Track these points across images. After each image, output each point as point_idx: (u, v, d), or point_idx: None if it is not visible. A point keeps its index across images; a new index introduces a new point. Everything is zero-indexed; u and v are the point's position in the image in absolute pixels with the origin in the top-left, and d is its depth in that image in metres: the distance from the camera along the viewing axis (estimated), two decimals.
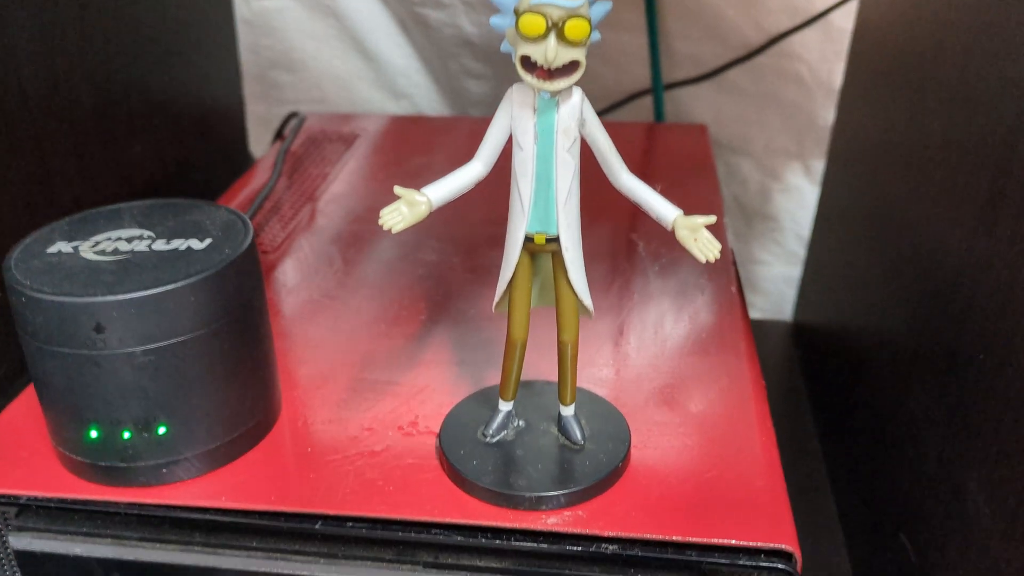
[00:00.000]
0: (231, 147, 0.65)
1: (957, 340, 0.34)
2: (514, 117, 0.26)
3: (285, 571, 0.30)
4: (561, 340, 0.29)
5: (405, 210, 0.26)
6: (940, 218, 0.37)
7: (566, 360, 0.30)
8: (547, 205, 0.27)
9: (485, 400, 0.33)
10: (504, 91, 0.27)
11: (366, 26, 0.73)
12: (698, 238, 0.26)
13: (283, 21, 0.74)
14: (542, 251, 0.28)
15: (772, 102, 0.69)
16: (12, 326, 0.29)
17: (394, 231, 0.26)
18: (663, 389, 0.35)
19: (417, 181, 0.27)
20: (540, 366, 0.35)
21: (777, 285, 0.76)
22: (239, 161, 0.67)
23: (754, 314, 0.77)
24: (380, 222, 0.26)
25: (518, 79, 0.25)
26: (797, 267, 0.75)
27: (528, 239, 0.27)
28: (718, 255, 0.26)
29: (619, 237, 0.47)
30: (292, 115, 0.61)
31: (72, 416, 0.29)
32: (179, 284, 0.28)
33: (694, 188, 0.52)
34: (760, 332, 0.67)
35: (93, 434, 0.29)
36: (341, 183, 0.54)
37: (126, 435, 0.29)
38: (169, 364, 0.28)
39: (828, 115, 0.67)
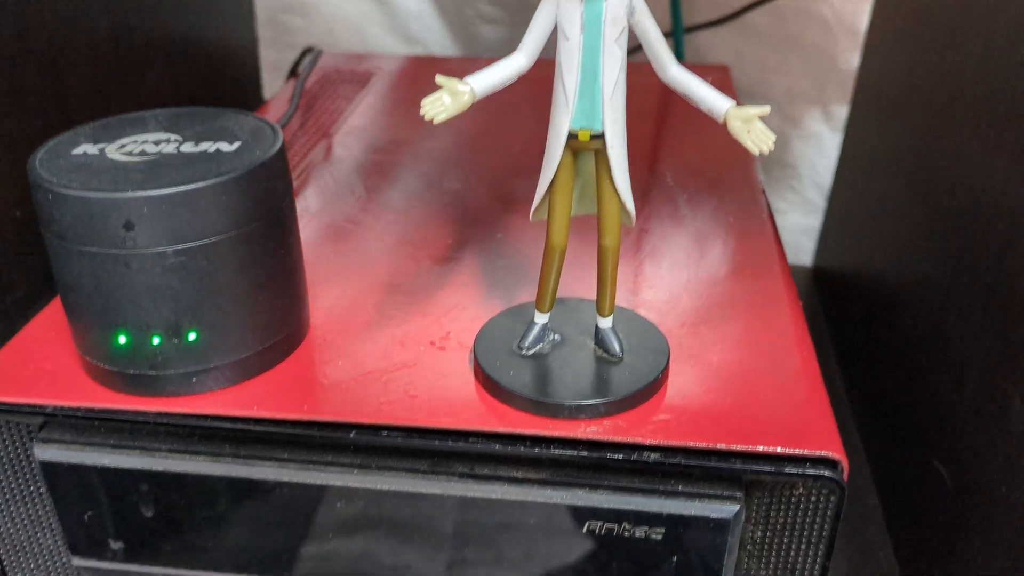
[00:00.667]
0: (245, 89, 0.64)
1: (997, 266, 0.33)
2: (560, 6, 0.25)
3: (318, 482, 0.29)
4: (602, 245, 0.28)
5: (447, 100, 0.25)
6: (974, 157, 0.36)
7: (606, 267, 0.29)
8: (592, 99, 0.26)
9: (519, 316, 0.32)
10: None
11: None
12: (751, 129, 0.25)
13: None
14: (586, 149, 0.27)
15: (794, 46, 0.68)
16: (30, 246, 0.28)
17: (436, 121, 0.25)
18: (699, 308, 0.34)
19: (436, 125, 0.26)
20: (574, 287, 0.35)
21: (794, 235, 0.75)
22: (252, 104, 0.65)
23: None
24: (422, 112, 0.25)
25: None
26: (814, 216, 0.74)
27: (572, 136, 0.26)
28: (772, 146, 0.25)
29: (645, 168, 0.46)
30: (307, 50, 0.60)
31: (100, 321, 0.28)
32: (211, 182, 0.27)
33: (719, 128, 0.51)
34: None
35: (122, 340, 0.29)
36: (358, 118, 0.53)
37: (156, 341, 0.28)
38: (200, 266, 0.28)
39: (852, 59, 0.66)
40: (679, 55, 0.68)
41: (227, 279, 0.28)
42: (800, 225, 0.75)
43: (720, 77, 0.60)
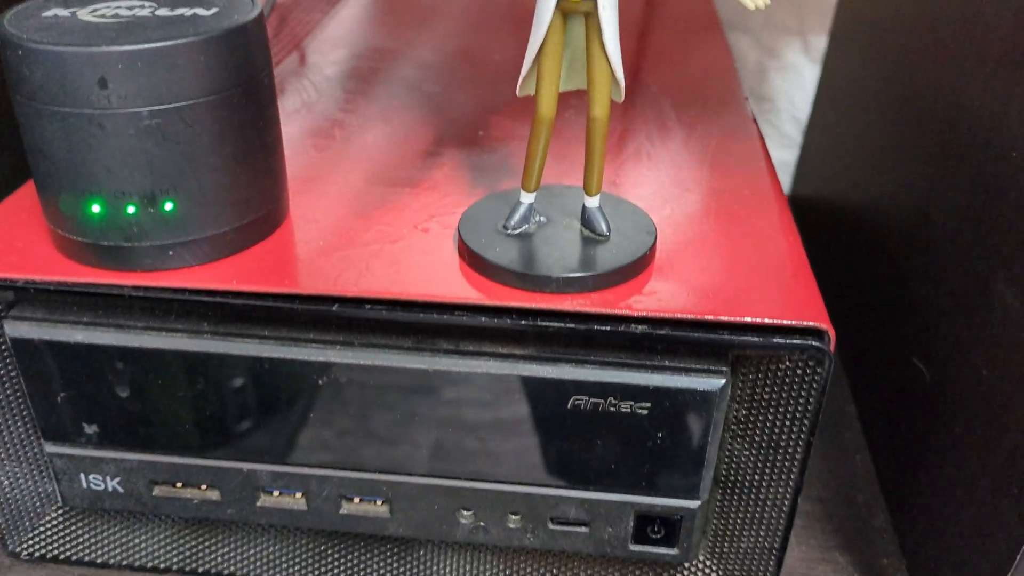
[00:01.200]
0: None
1: (979, 165, 0.33)
2: None
3: (299, 357, 0.29)
4: (591, 116, 0.28)
5: None
6: (960, 82, 0.36)
7: (595, 140, 0.28)
8: None
9: (504, 200, 0.32)
10: None
11: None
12: None
13: None
14: (576, 11, 0.26)
15: None
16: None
17: None
18: (685, 197, 0.34)
19: (425, 29, 0.26)
20: (561, 176, 0.34)
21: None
22: None
23: None
24: None
25: None
26: (791, 151, 0.74)
27: (561, 1, 0.26)
28: (768, 2, 0.25)
29: (629, 77, 0.46)
30: None
31: (73, 188, 0.27)
32: (189, 40, 0.26)
33: (701, 40, 0.51)
34: None
35: (95, 209, 0.28)
36: (336, 28, 0.52)
37: (130, 210, 0.28)
38: (176, 130, 0.27)
39: None
40: None
41: (204, 146, 0.27)
42: (777, 159, 0.75)
43: (702, 4, 0.59)
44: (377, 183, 0.35)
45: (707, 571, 0.33)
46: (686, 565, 0.33)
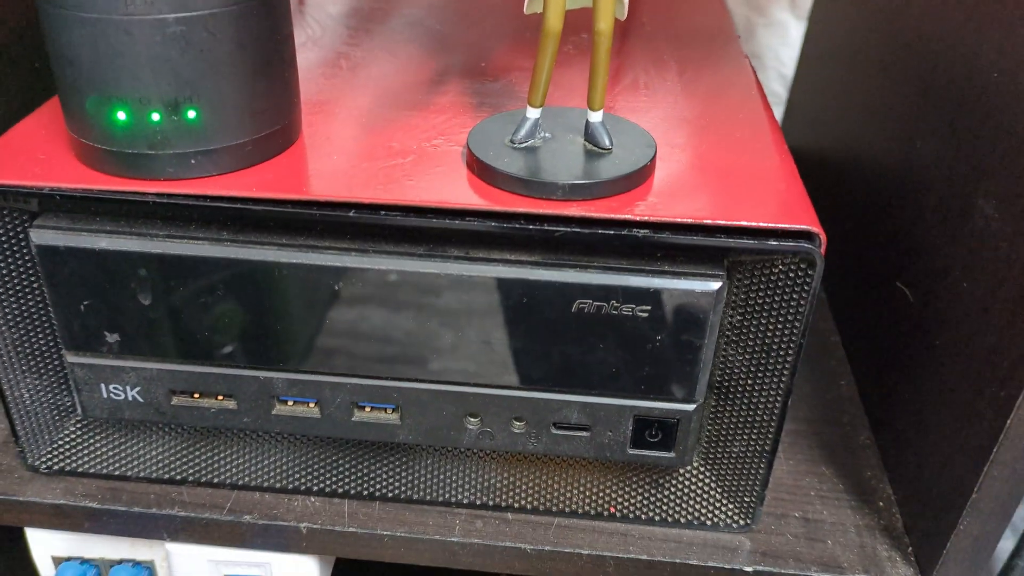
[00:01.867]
0: None
1: (963, 94, 0.35)
2: None
3: (316, 262, 0.30)
4: (596, 30, 0.29)
5: None
6: (940, 24, 0.38)
7: (599, 53, 0.30)
8: None
9: (510, 119, 0.33)
10: None
11: None
12: None
13: None
14: None
15: None
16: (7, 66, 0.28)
17: None
18: (683, 117, 0.36)
19: None
20: (565, 96, 0.36)
21: None
22: None
23: None
24: None
25: None
26: (778, 108, 0.75)
27: None
28: None
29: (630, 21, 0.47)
30: None
31: (99, 95, 0.29)
32: None
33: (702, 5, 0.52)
34: None
35: (121, 116, 0.29)
36: None
37: (155, 117, 0.29)
38: (200, 38, 0.28)
39: None
40: None
41: (226, 55, 0.29)
42: None
43: None
44: (385, 107, 0.36)
45: (701, 475, 0.35)
46: (681, 470, 0.35)
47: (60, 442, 0.36)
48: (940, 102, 0.37)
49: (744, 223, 0.29)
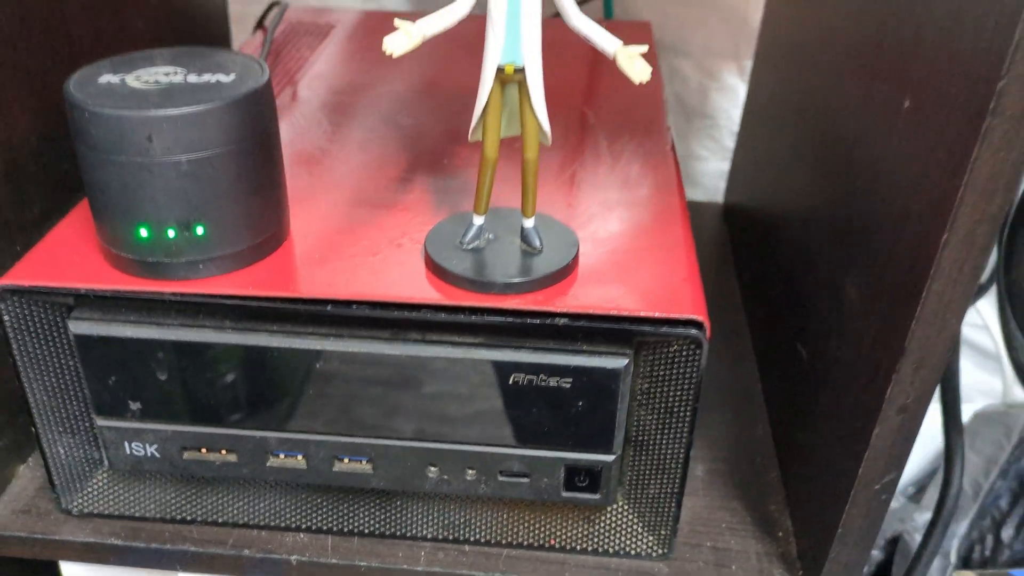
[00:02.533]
0: (216, 40, 0.70)
1: (843, 189, 0.42)
2: None
3: (301, 347, 0.37)
4: (525, 158, 0.36)
5: (403, 38, 0.33)
6: (837, 103, 0.45)
7: (529, 176, 0.37)
8: (515, 41, 0.34)
9: (461, 221, 0.40)
10: None
11: None
12: (635, 64, 0.33)
13: None
14: (511, 80, 0.35)
15: (711, 6, 0.76)
16: (45, 168, 0.35)
17: (394, 55, 0.33)
18: (605, 214, 0.43)
19: (392, 66, 0.33)
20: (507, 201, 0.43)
21: (712, 179, 0.84)
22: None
23: (691, 199, 0.85)
24: (383, 48, 0.33)
25: None
26: (727, 163, 0.82)
27: (500, 70, 0.34)
28: (648, 77, 0.33)
29: (570, 108, 0.54)
30: (274, 3, 0.67)
31: (126, 217, 0.36)
32: (216, 104, 0.34)
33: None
34: (696, 212, 0.75)
35: (143, 233, 0.36)
36: (322, 65, 0.60)
37: (171, 234, 0.36)
38: (206, 173, 0.35)
39: (759, 17, 0.74)
40: (607, 14, 0.75)
41: (227, 183, 0.36)
42: (718, 170, 0.84)
43: (642, 32, 0.68)
44: (360, 205, 0.43)
45: (625, 513, 0.42)
46: (607, 508, 0.42)
47: (89, 489, 0.43)
48: (828, 181, 0.44)
49: (645, 314, 0.36)
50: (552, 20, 0.35)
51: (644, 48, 0.33)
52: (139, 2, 0.55)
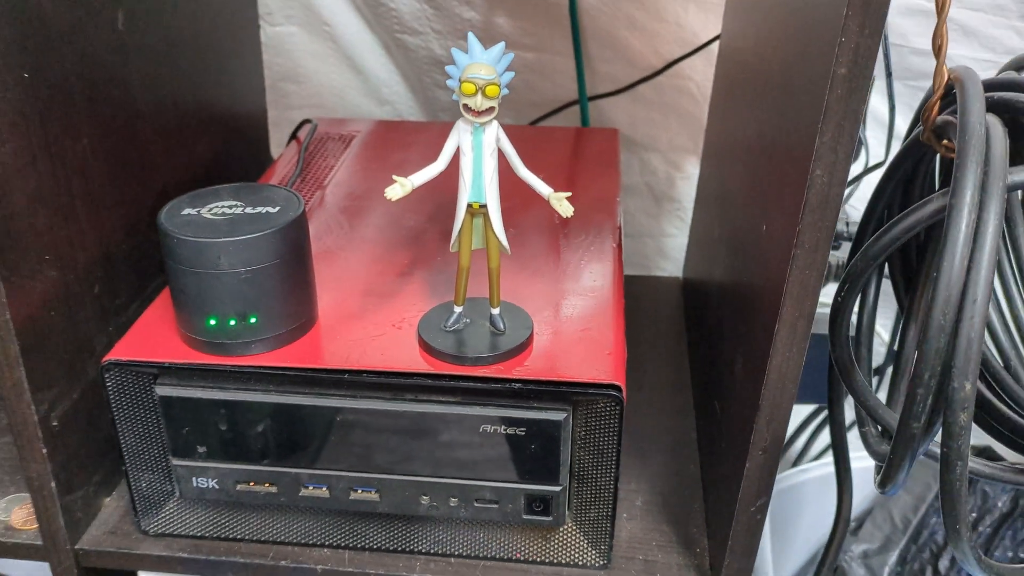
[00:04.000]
0: (257, 144, 0.84)
1: (744, 287, 0.55)
2: (460, 137, 0.46)
3: (325, 404, 0.50)
4: (489, 267, 0.50)
5: (399, 188, 0.46)
6: (745, 204, 0.58)
7: (493, 279, 0.50)
8: (479, 186, 0.47)
9: (445, 309, 0.53)
10: None
11: (357, 48, 0.93)
12: (561, 204, 0.46)
13: (292, 43, 0.93)
14: (477, 213, 0.48)
15: (672, 111, 0.90)
16: (130, 265, 0.49)
17: (393, 199, 0.46)
18: (557, 301, 0.56)
19: (400, 169, 0.47)
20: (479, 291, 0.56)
21: (680, 253, 0.97)
22: (263, 155, 0.86)
23: (661, 273, 0.98)
24: (385, 195, 0.46)
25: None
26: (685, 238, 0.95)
27: (469, 205, 0.48)
28: (571, 213, 0.46)
29: (543, 212, 0.67)
30: (306, 121, 0.81)
31: (199, 311, 0.49)
32: (266, 232, 0.48)
33: (599, 175, 0.73)
34: (662, 285, 0.88)
35: (212, 322, 0.49)
36: (344, 172, 0.74)
37: (231, 323, 0.49)
38: (259, 280, 0.49)
39: None
40: (584, 120, 0.89)
41: (274, 287, 0.49)
42: (683, 246, 0.97)
43: (609, 138, 0.81)
44: (369, 294, 0.56)
45: (573, 532, 0.54)
46: (559, 528, 0.54)
47: (163, 515, 0.56)
48: (734, 265, 0.57)
49: (579, 380, 0.49)
50: (534, 130, 0.48)
51: (568, 193, 0.47)
52: (199, 120, 0.70)
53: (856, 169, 0.79)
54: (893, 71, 0.84)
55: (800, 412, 1.00)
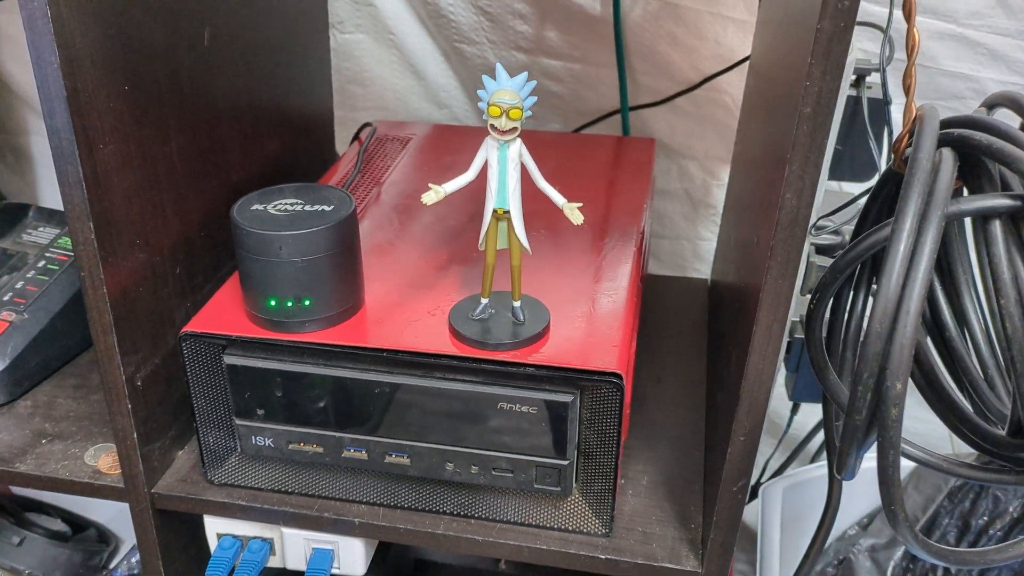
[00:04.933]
0: (323, 142, 0.93)
1: (744, 290, 0.60)
2: (488, 152, 0.53)
3: (366, 378, 0.58)
4: (512, 265, 0.57)
5: (433, 195, 0.54)
6: (748, 215, 0.63)
7: (515, 275, 0.57)
8: (503, 194, 0.54)
9: (473, 300, 0.61)
10: None
11: (419, 55, 1.01)
12: (573, 213, 0.53)
13: (360, 50, 1.02)
14: (502, 218, 0.55)
15: (709, 122, 0.95)
16: (206, 252, 0.57)
17: (427, 204, 0.54)
18: (575, 296, 0.62)
19: (449, 172, 0.54)
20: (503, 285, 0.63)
21: (713, 256, 1.03)
22: (328, 152, 0.95)
23: (695, 274, 1.04)
24: (421, 200, 0.53)
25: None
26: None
27: (495, 211, 0.55)
28: (581, 222, 0.53)
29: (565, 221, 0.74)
30: (367, 124, 0.89)
31: (261, 293, 0.57)
32: (321, 227, 0.56)
33: (630, 182, 0.79)
34: (692, 286, 0.94)
35: (272, 303, 0.57)
36: (398, 172, 0.82)
37: (289, 304, 0.57)
38: (313, 268, 0.56)
39: None
40: (626, 128, 0.96)
41: (326, 275, 0.57)
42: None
43: (646, 147, 0.87)
44: (411, 285, 0.64)
45: (579, 502, 0.61)
46: (567, 498, 0.61)
47: (226, 467, 0.65)
48: (741, 268, 0.63)
49: (585, 368, 0.55)
50: (576, 137, 0.55)
51: (580, 204, 0.53)
52: (271, 122, 0.78)
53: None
54: (923, 92, 0.89)
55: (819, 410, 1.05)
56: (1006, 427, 0.47)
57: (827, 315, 0.51)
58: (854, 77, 0.71)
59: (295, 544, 0.65)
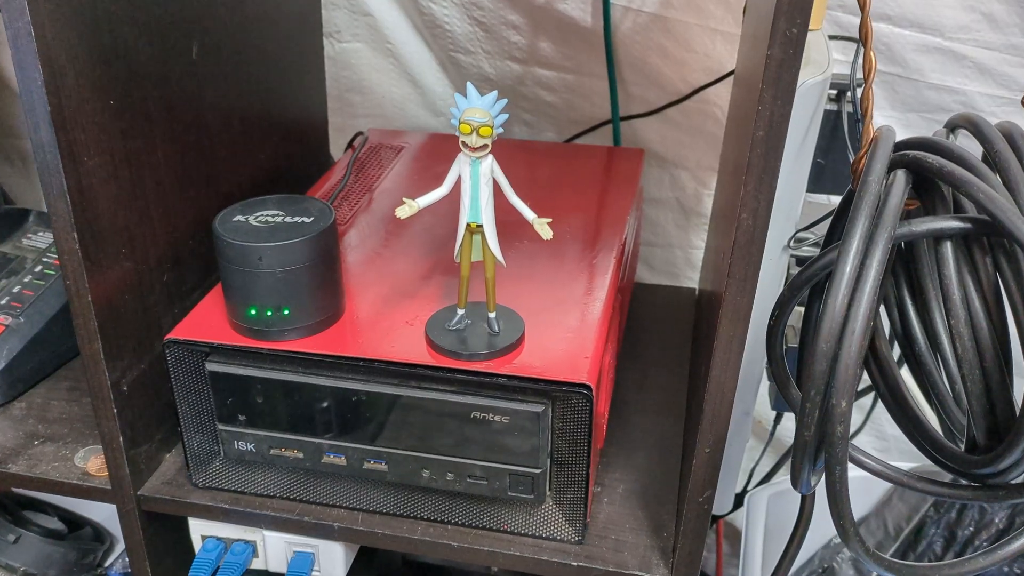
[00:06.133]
0: (319, 149, 0.94)
1: (712, 303, 0.61)
2: (460, 167, 0.55)
3: (343, 386, 0.59)
4: (486, 277, 0.58)
5: (407, 208, 0.55)
6: (725, 223, 0.64)
7: (489, 287, 0.58)
8: (476, 208, 0.55)
9: (451, 310, 0.62)
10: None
11: (415, 64, 1.02)
12: (543, 228, 0.54)
13: (358, 58, 1.03)
14: (476, 231, 0.56)
15: (699, 132, 0.96)
16: (196, 258, 0.59)
17: (401, 218, 0.55)
18: (551, 303, 0.63)
19: (439, 181, 0.56)
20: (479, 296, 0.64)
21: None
22: (324, 160, 0.96)
23: (688, 282, 1.05)
24: (396, 213, 0.55)
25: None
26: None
27: (468, 225, 0.56)
28: (550, 237, 0.54)
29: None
30: (359, 133, 0.91)
31: (242, 302, 0.59)
32: (300, 239, 0.57)
33: (615, 193, 0.80)
34: (681, 295, 0.95)
35: (252, 312, 0.59)
36: (389, 181, 0.83)
37: (268, 313, 0.59)
38: (293, 278, 0.58)
39: None
40: (617, 138, 0.97)
41: (304, 285, 0.59)
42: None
43: (633, 157, 0.88)
44: (393, 294, 0.65)
45: (552, 509, 0.62)
46: (540, 505, 0.62)
47: (210, 471, 0.66)
48: (711, 285, 0.64)
49: (556, 379, 0.56)
50: (566, 147, 0.56)
51: (550, 220, 0.55)
52: (263, 131, 0.80)
53: None
54: (911, 105, 0.89)
55: None
56: (963, 443, 0.48)
57: (783, 330, 0.52)
58: (834, 92, 0.72)
59: (276, 547, 0.67)
